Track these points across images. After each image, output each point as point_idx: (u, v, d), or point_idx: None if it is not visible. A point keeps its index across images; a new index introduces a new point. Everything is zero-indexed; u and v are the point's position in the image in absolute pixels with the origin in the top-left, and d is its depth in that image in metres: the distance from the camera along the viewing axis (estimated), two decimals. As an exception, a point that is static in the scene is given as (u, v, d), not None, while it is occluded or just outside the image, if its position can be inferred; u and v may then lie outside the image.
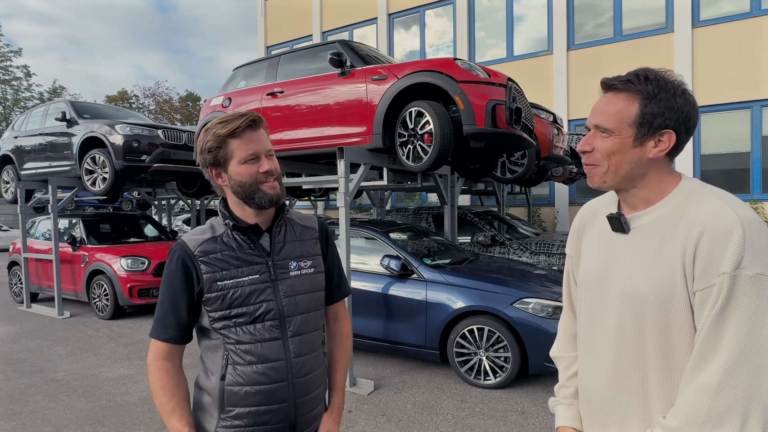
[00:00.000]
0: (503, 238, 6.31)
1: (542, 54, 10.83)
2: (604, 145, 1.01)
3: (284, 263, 1.27)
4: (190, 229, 10.03)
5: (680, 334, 0.92)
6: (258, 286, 1.21)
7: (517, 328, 3.71)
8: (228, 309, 1.19)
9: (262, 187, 1.21)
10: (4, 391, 3.98)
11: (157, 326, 1.23)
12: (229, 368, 1.20)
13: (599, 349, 1.06)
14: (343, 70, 4.26)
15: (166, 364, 1.22)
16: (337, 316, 1.48)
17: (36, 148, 7.35)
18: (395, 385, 3.94)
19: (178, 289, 1.20)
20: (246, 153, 1.19)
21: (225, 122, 1.20)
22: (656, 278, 0.94)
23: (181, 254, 1.21)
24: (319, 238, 1.38)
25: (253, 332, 1.20)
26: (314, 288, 1.32)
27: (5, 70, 25.28)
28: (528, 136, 4.22)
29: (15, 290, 7.98)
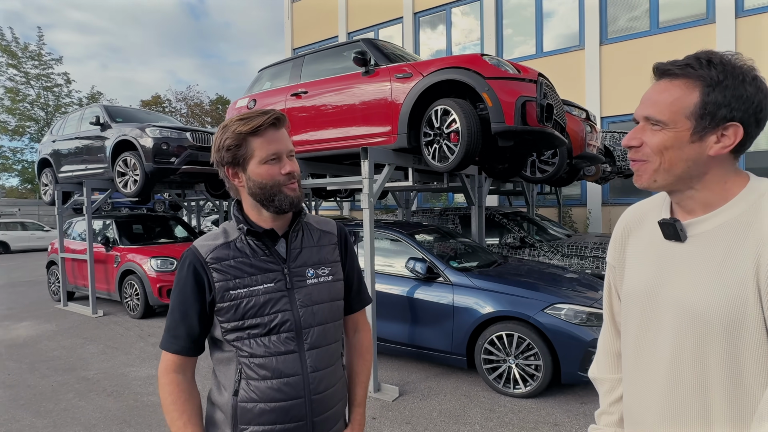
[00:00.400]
0: (533, 240, 6.10)
1: (573, 49, 10.49)
2: (656, 139, 0.88)
3: (301, 271, 1.20)
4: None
5: (752, 360, 0.79)
6: (273, 295, 1.14)
7: (548, 335, 3.54)
8: (241, 320, 1.12)
9: (284, 189, 1.14)
10: (38, 389, 4.08)
11: (167, 337, 1.16)
12: (242, 383, 1.13)
13: (651, 375, 0.93)
14: (367, 68, 4.18)
15: (177, 378, 1.16)
16: (356, 327, 1.40)
17: (72, 152, 7.59)
18: (421, 392, 3.83)
19: (189, 298, 1.13)
20: (268, 153, 1.12)
21: (246, 119, 1.12)
22: (722, 295, 0.81)
23: (192, 261, 1.15)
24: (338, 244, 1.30)
25: (268, 345, 1.13)
26: (333, 297, 1.24)
27: (47, 78, 26.43)
28: (560, 134, 4.03)
29: (53, 289, 8.27)
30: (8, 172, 27.83)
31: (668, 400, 0.88)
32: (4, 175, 28.05)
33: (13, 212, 23.35)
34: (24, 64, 25.41)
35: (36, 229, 19.83)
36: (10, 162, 27.19)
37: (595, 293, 3.99)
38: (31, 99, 26.22)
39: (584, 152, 5.59)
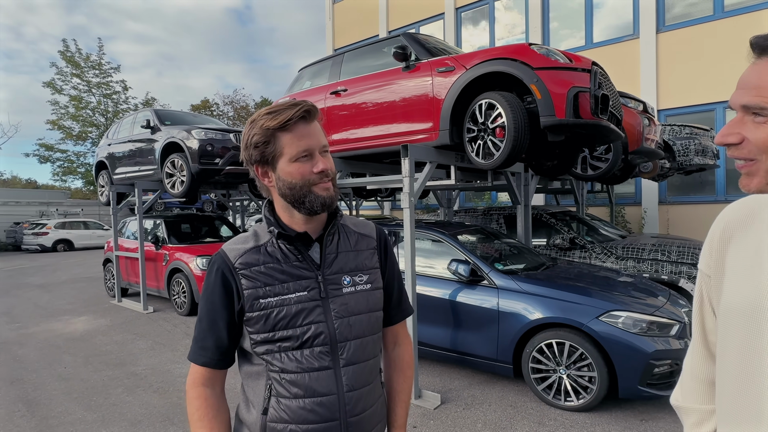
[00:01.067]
0: (584, 241, 5.75)
1: (627, 39, 9.88)
2: (761, 133, 0.69)
3: (336, 278, 1.09)
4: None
5: None
6: (306, 304, 1.05)
7: (603, 345, 3.27)
8: (272, 331, 1.03)
9: (314, 189, 1.04)
10: (90, 383, 4.24)
11: (195, 348, 1.09)
12: (272, 401, 1.04)
13: (756, 409, 0.74)
14: (408, 63, 4.05)
15: (205, 392, 1.08)
16: (396, 340, 1.28)
17: (125, 154, 7.94)
18: (464, 400, 3.66)
19: (217, 306, 1.05)
20: (298, 149, 1.02)
21: (274, 113, 1.02)
22: None
23: (220, 266, 1.06)
24: (377, 249, 1.19)
25: (300, 359, 1.03)
26: (371, 307, 1.13)
27: (107, 85, 28.08)
28: (616, 127, 3.73)
29: (109, 285, 8.69)
30: (73, 175, 29.80)
31: None
32: (70, 177, 30.06)
33: (77, 212, 24.97)
34: (86, 74, 27.10)
35: (97, 228, 21.10)
36: (75, 165, 29.09)
37: (655, 299, 3.67)
38: (92, 106, 27.93)
39: (641, 147, 5.19)
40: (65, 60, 26.08)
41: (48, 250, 19.13)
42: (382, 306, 1.18)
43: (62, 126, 26.87)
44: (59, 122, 26.73)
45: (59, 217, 22.53)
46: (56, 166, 28.45)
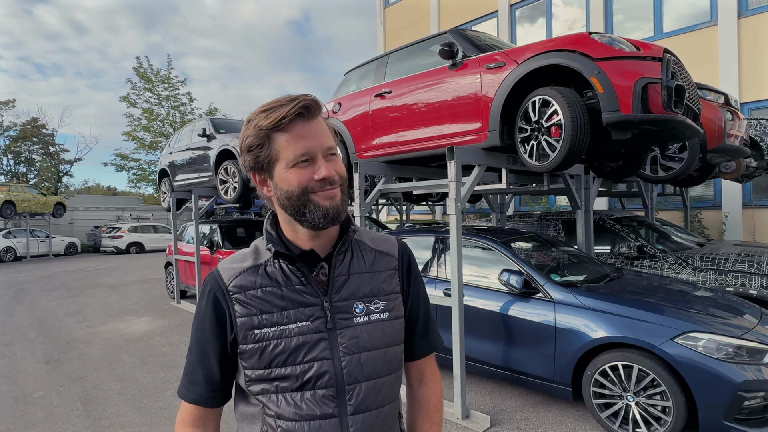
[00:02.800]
0: (654, 250, 5.20)
1: (703, 26, 9.00)
2: None
3: (347, 305, 0.91)
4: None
5: None
6: (308, 337, 0.87)
7: (680, 371, 2.85)
8: (267, 368, 0.87)
9: (314, 198, 0.87)
10: (142, 384, 4.36)
11: (184, 382, 0.94)
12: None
13: None
14: (455, 61, 3.82)
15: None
16: (422, 377, 1.08)
17: (184, 162, 8.29)
18: (516, 423, 3.36)
19: (207, 336, 0.90)
20: (296, 153, 0.85)
21: (269, 110, 0.86)
22: None
23: (212, 288, 0.91)
24: (398, 269, 1.00)
25: (299, 404, 0.86)
26: (388, 341, 0.94)
27: (175, 98, 29.95)
28: (693, 122, 3.29)
29: (169, 287, 9.11)
30: (146, 182, 32.03)
31: None
32: (143, 184, 32.33)
33: (148, 217, 26.77)
34: (156, 87, 29.07)
35: (165, 232, 22.46)
36: (147, 173, 31.25)
37: (741, 319, 3.19)
38: (162, 117, 29.89)
39: (723, 144, 4.61)
40: (138, 75, 28.12)
41: (122, 252, 20.59)
42: (402, 339, 0.99)
43: (136, 137, 28.95)
44: (133, 133, 28.82)
45: (132, 222, 24.25)
46: (131, 174, 30.68)
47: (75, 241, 21.47)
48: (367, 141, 4.64)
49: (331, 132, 0.93)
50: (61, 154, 27.36)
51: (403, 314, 0.99)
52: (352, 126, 4.83)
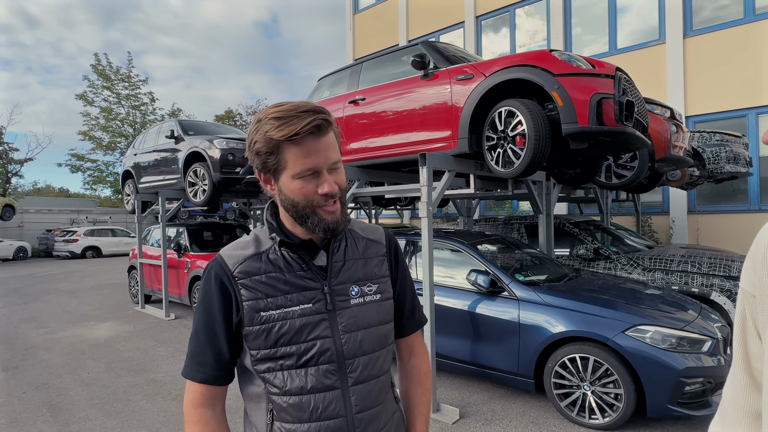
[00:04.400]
0: (609, 252, 5.57)
1: (653, 44, 9.66)
2: None
3: (344, 288, 1.02)
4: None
5: None
6: (311, 318, 0.97)
7: (630, 361, 3.13)
8: (273, 347, 0.95)
9: (318, 212, 0.97)
10: (111, 389, 4.30)
11: (191, 364, 1.00)
12: (275, 425, 0.97)
13: None
14: (426, 72, 4.02)
15: (205, 414, 0.99)
16: (412, 350, 1.21)
17: (150, 164, 8.13)
18: (483, 415, 3.56)
19: (216, 317, 0.97)
20: (303, 167, 0.94)
21: (282, 121, 0.92)
22: None
23: (218, 273, 0.98)
24: (386, 255, 1.12)
25: (304, 379, 0.96)
26: (381, 320, 1.05)
27: (135, 97, 28.99)
28: (642, 135, 3.61)
29: (133, 292, 8.87)
30: (102, 184, 30.75)
31: None
32: (99, 186, 31.03)
33: (105, 220, 25.71)
34: (116, 86, 28.05)
35: (124, 236, 21.66)
36: (104, 174, 30.02)
37: (684, 313, 3.51)
38: (121, 117, 28.84)
39: (669, 154, 5.02)
40: (96, 73, 27.06)
41: (77, 257, 19.72)
42: (392, 317, 1.10)
43: (93, 137, 27.80)
44: (90, 133, 27.67)
45: (88, 225, 23.24)
46: (87, 175, 29.39)
47: (25, 245, 20.38)
48: (341, 146, 4.76)
49: (338, 142, 1.01)
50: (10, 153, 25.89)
51: (393, 295, 1.10)
52: (325, 131, 4.94)
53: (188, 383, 1.01)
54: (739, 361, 0.88)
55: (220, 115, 34.63)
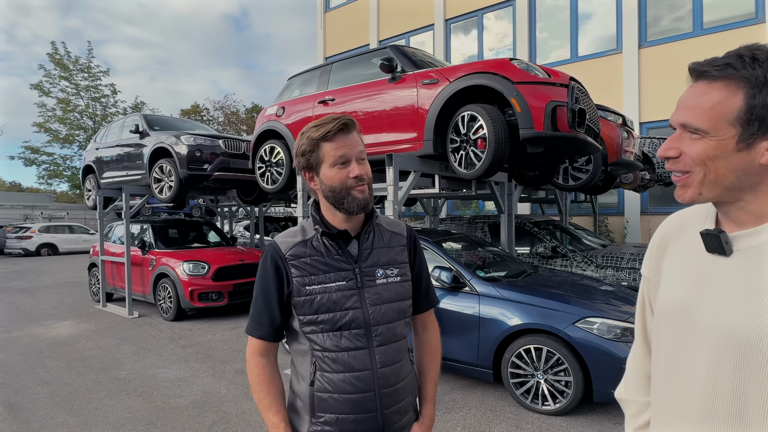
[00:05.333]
0: (565, 250, 5.89)
1: (611, 53, 10.16)
2: (696, 149, 0.78)
3: (371, 270, 1.26)
4: (249, 236, 10.39)
5: None
6: (344, 293, 1.22)
7: (579, 350, 3.37)
8: (315, 314, 1.21)
9: (352, 192, 1.21)
10: (73, 387, 4.23)
11: (252, 323, 1.27)
12: (317, 374, 1.22)
13: (683, 401, 0.83)
14: (394, 75, 4.16)
15: (261, 361, 1.27)
16: (425, 325, 1.45)
17: (113, 159, 7.94)
18: (444, 405, 3.73)
19: (271, 289, 1.23)
20: (336, 156, 1.19)
21: (318, 125, 1.21)
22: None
23: (273, 255, 1.25)
24: (407, 246, 1.36)
25: (339, 340, 1.21)
26: (400, 297, 1.29)
27: (95, 89, 27.90)
28: (593, 140, 3.87)
29: (93, 290, 8.63)
30: (59, 178, 29.46)
31: (702, 424, 0.79)
32: (55, 180, 29.71)
33: (62, 216, 24.66)
34: (74, 77, 26.91)
35: (82, 232, 20.86)
36: (61, 168, 28.77)
37: (631, 307, 3.79)
38: (80, 109, 27.70)
39: (620, 159, 5.36)
40: (54, 62, 25.89)
41: (31, 255, 18.87)
42: (410, 296, 1.33)
43: (49, 129, 26.60)
44: (46, 125, 26.47)
45: (44, 221, 22.24)
46: (42, 169, 28.11)
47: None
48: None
49: (362, 141, 1.26)
50: (-44, 144, 24.44)
51: (410, 278, 1.33)
52: (295, 130, 5.01)
53: (249, 338, 1.29)
54: (639, 334, 1.05)
55: (186, 110, 33.76)
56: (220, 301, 6.85)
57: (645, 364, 1.04)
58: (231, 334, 6.01)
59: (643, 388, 1.04)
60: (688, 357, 0.83)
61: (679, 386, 0.84)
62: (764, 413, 0.71)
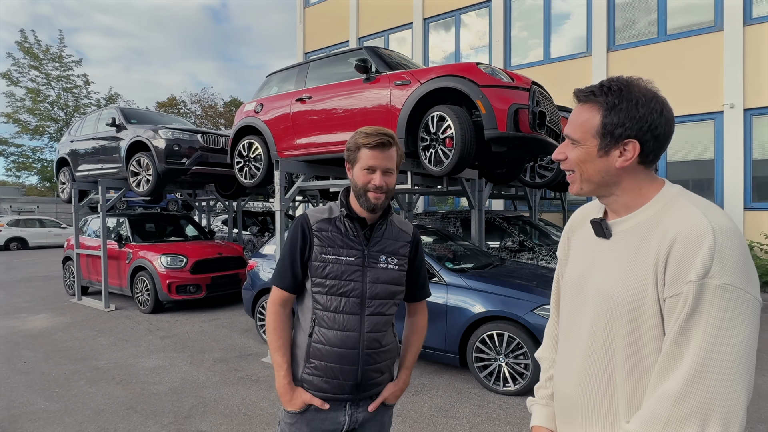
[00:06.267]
0: (532, 244, 6.20)
1: (581, 56, 10.56)
2: (573, 154, 1.03)
3: (377, 255, 1.52)
4: (227, 230, 10.42)
5: (649, 340, 0.92)
6: (351, 267, 1.47)
7: (537, 335, 3.65)
8: (324, 278, 1.46)
9: (368, 194, 1.46)
10: (51, 376, 4.31)
11: (277, 276, 1.53)
12: (315, 328, 1.48)
13: (572, 352, 1.07)
14: (368, 75, 4.35)
15: (279, 309, 1.52)
16: (417, 311, 1.73)
17: (89, 152, 7.89)
18: (413, 388, 3.97)
19: (297, 250, 1.49)
20: (367, 164, 1.45)
21: (367, 134, 1.46)
22: (630, 284, 0.95)
23: (303, 225, 1.51)
24: (410, 243, 1.61)
25: (338, 304, 1.47)
26: (394, 281, 1.54)
27: (67, 79, 27.16)
28: (554, 141, 4.15)
29: (68, 283, 8.57)
30: (28, 171, 28.62)
31: (583, 373, 1.02)
32: (24, 173, 28.85)
33: (32, 209, 24.01)
34: (45, 66, 26.13)
35: (53, 226, 20.38)
36: (30, 161, 27.95)
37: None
38: (51, 100, 26.95)
39: (583, 158, 5.68)
40: (23, 51, 25.09)
41: (0, 249, 18.36)
42: (403, 284, 1.58)
43: (18, 119, 25.81)
44: (15, 115, 25.67)
45: (12, 215, 21.63)
46: (10, 161, 27.27)
47: (-62, 236, 18.67)
48: (288, 141, 5.01)
49: (398, 160, 1.51)
50: None
51: (407, 270, 1.58)
52: (273, 126, 5.16)
53: (273, 288, 1.54)
54: (553, 305, 1.30)
55: (162, 102, 33.16)
56: (198, 294, 6.94)
57: (555, 329, 1.28)
58: (209, 326, 6.12)
59: (553, 347, 1.28)
60: (579, 317, 1.07)
61: (572, 339, 1.08)
62: (625, 351, 0.95)
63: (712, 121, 9.06)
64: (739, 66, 8.70)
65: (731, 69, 8.77)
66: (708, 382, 0.81)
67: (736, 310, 0.81)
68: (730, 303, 0.81)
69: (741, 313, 0.82)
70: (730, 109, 8.81)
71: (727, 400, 0.80)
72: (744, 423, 0.81)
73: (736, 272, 0.82)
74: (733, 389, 0.80)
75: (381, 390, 1.58)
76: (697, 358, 0.82)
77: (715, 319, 0.82)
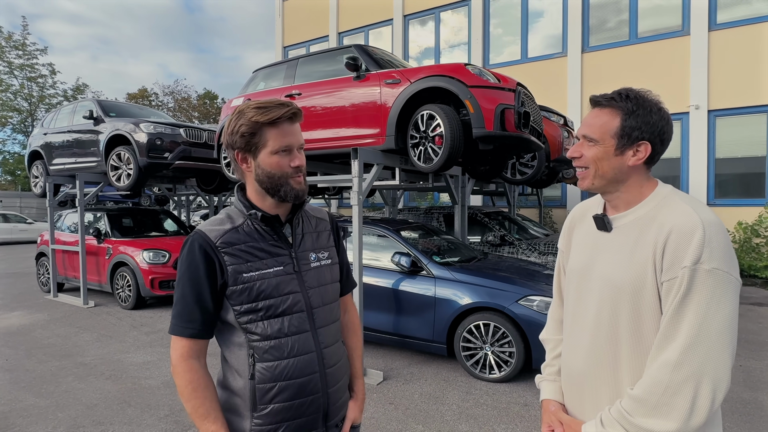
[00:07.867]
0: (512, 238, 6.43)
1: (556, 56, 10.89)
2: (591, 152, 1.17)
3: (305, 255, 1.28)
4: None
5: (649, 318, 1.07)
6: (283, 278, 1.21)
7: (521, 325, 3.85)
8: (255, 302, 1.17)
9: (290, 181, 1.20)
10: (37, 373, 4.25)
11: (179, 322, 1.16)
12: (257, 366, 1.17)
13: (581, 331, 1.22)
14: (359, 74, 4.44)
15: (194, 365, 1.16)
16: (346, 307, 1.50)
17: (64, 145, 7.69)
18: (404, 377, 4.12)
19: (202, 281, 1.15)
20: (281, 144, 1.17)
21: (264, 109, 1.16)
22: (631, 270, 1.09)
23: (201, 245, 1.16)
24: (331, 231, 1.41)
25: (282, 325, 1.19)
26: (333, 279, 1.35)
27: (31, 68, 26.06)
28: (536, 139, 4.35)
29: (42, 280, 8.35)
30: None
31: (591, 349, 1.17)
32: (-15, 166, 27.59)
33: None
34: (7, 54, 25.00)
35: (19, 222, 19.61)
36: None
37: (566, 287, 4.31)
38: (14, 89, 25.82)
39: (561, 156, 5.93)
40: (-17, 38, 23.94)
41: (-39, 245, 17.57)
42: (339, 278, 1.39)
43: (-22, 110, 24.64)
44: (-25, 105, 24.48)
45: (-26, 209, 20.68)
46: (-30, 153, 26.02)
47: None
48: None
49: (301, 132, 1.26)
50: None
51: (338, 261, 1.39)
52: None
53: (176, 340, 1.17)
54: (555, 291, 1.44)
55: (133, 94, 32.21)
56: (181, 290, 6.89)
57: (559, 312, 1.43)
58: (194, 321, 6.11)
59: (557, 329, 1.43)
60: (585, 301, 1.21)
61: (579, 320, 1.23)
62: (628, 328, 1.10)
63: (678, 121, 9.52)
64: (704, 69, 9.17)
65: (697, 72, 9.24)
66: (701, 351, 0.96)
67: (722, 290, 0.97)
68: (717, 284, 0.97)
69: (726, 292, 0.98)
70: (695, 110, 9.29)
71: (716, 365, 0.96)
72: (729, 384, 0.98)
73: (722, 258, 0.98)
74: (721, 356, 0.96)
75: (345, 412, 1.36)
76: (691, 331, 0.97)
77: (705, 298, 0.97)
